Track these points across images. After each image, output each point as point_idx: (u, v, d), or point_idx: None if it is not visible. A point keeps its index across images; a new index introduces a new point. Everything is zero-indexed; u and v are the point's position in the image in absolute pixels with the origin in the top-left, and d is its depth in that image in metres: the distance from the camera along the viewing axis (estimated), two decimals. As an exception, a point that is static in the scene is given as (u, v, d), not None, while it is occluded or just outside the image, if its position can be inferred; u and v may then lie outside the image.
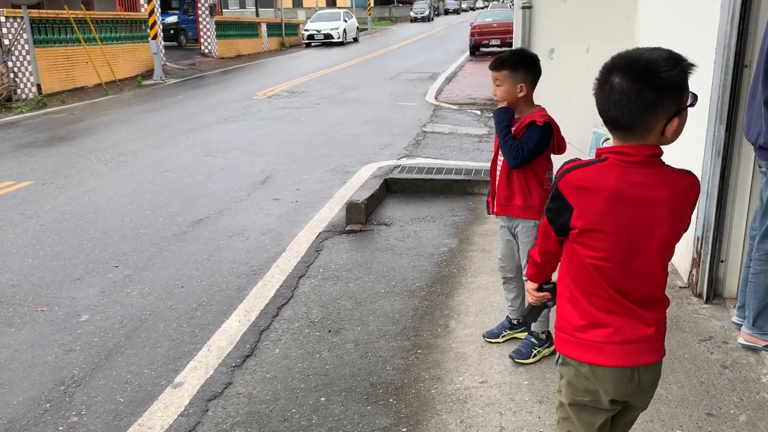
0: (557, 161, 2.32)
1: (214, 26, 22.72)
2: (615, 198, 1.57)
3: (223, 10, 30.08)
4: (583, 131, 5.76)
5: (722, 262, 3.55)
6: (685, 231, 1.66)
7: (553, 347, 2.96)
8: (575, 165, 1.63)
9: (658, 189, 1.56)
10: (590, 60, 5.75)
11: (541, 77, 2.93)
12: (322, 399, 2.89)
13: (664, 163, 1.60)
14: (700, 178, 1.83)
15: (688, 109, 1.58)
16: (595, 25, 5.74)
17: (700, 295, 3.58)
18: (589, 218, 1.60)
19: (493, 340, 3.29)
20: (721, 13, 3.28)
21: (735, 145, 3.38)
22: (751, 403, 2.70)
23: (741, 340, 3.11)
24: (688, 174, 1.63)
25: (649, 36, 4.95)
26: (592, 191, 1.58)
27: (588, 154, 5.33)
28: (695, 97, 1.57)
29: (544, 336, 3.09)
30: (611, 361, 1.63)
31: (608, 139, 4.78)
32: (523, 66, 2.91)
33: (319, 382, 3.01)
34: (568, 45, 5.83)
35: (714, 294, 3.57)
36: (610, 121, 1.58)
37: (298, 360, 3.22)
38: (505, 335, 3.28)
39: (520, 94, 2.91)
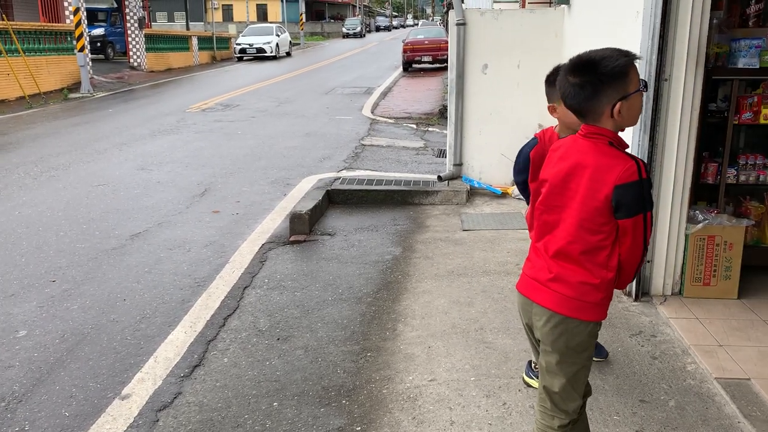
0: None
1: (144, 39, 22.25)
2: (561, 157, 1.98)
3: (152, 24, 29.43)
4: (515, 142, 6.00)
5: (649, 262, 3.79)
6: (605, 204, 1.86)
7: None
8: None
9: (586, 156, 1.91)
10: (521, 75, 6.07)
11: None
12: (274, 404, 2.92)
13: (613, 144, 1.89)
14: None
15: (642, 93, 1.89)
16: (525, 42, 6.02)
17: (629, 294, 3.82)
18: (545, 172, 2.03)
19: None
20: (642, 29, 3.54)
21: (657, 153, 3.63)
22: (679, 389, 2.91)
23: None
24: (623, 159, 1.86)
25: (576, 52, 5.23)
26: (555, 152, 2.03)
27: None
28: (645, 84, 1.89)
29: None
30: (518, 284, 2.11)
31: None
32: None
33: (271, 388, 3.04)
34: (500, 60, 6.09)
35: (642, 292, 3.81)
36: (569, 109, 1.95)
37: (248, 368, 3.24)
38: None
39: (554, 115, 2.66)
